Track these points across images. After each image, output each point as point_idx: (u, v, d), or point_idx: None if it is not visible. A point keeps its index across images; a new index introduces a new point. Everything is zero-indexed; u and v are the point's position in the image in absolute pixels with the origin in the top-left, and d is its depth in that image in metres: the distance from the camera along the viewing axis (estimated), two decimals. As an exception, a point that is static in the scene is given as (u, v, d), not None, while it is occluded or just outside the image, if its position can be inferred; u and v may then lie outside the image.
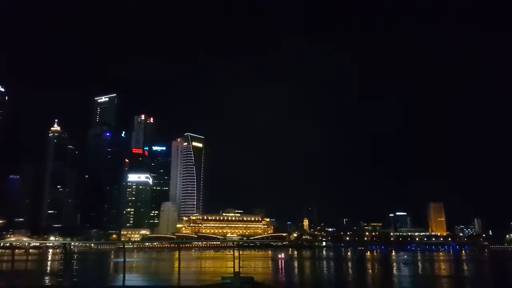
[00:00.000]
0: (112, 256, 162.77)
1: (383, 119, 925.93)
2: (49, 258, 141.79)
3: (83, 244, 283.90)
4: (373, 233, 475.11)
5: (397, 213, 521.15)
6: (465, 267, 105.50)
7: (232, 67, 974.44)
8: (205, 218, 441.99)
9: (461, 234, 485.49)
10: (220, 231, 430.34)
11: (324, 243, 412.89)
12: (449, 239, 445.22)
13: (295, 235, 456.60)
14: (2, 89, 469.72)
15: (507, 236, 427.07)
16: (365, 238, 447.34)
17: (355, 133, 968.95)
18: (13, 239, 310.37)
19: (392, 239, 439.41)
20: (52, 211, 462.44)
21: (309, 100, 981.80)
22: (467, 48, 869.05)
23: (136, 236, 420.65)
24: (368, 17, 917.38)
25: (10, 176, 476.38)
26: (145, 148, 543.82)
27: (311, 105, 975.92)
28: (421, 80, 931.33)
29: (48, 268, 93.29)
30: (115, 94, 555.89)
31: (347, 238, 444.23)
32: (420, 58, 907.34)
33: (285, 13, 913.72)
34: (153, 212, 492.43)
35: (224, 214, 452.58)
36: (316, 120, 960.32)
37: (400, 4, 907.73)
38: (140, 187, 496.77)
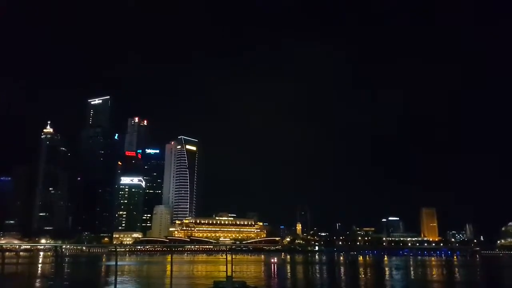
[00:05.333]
0: (103, 259, 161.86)
1: (382, 120, 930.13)
2: (40, 261, 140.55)
3: (75, 247, 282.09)
4: (366, 238, 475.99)
5: (390, 218, 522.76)
6: (456, 273, 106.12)
7: (230, 67, 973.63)
8: (198, 221, 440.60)
9: (453, 240, 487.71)
10: (213, 235, 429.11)
11: (317, 248, 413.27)
12: (441, 244, 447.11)
13: (288, 239, 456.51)
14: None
15: (498, 241, 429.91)
16: (358, 243, 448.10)
17: (353, 135, 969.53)
18: (3, 241, 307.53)
19: (384, 244, 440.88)
20: (44, 214, 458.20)
21: (308, 100, 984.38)
22: (467, 48, 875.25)
23: (128, 239, 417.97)
24: (368, 18, 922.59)
25: (1, 178, 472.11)
26: (138, 151, 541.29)
27: (310, 106, 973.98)
28: (421, 80, 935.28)
29: (39, 271, 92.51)
30: (108, 96, 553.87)
31: (340, 243, 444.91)
32: (420, 59, 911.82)
33: (285, 13, 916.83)
34: (145, 215, 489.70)
35: (217, 218, 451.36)
36: (314, 122, 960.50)
37: (400, 4, 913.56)
38: (133, 190, 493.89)
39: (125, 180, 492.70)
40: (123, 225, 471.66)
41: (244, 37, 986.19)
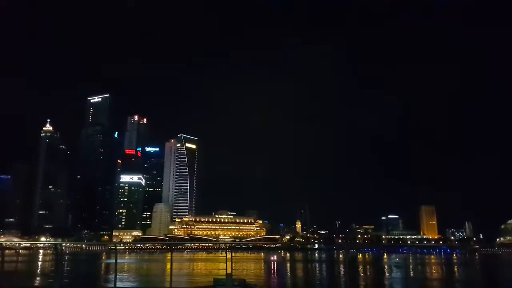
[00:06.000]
0: (103, 257, 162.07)
1: (382, 120, 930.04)
2: (40, 259, 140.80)
3: (75, 245, 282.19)
4: (365, 236, 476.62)
5: (389, 216, 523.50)
6: (455, 270, 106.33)
7: (230, 67, 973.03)
8: (197, 219, 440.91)
9: (452, 238, 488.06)
10: (213, 232, 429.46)
11: (316, 246, 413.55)
12: (441, 242, 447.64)
13: (287, 237, 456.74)
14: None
15: (498, 239, 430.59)
16: (357, 241, 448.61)
17: (353, 135, 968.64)
18: (3, 239, 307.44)
19: (384, 242, 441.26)
20: (44, 212, 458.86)
21: (308, 100, 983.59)
22: (467, 49, 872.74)
23: (128, 237, 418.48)
24: (368, 18, 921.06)
25: (1, 176, 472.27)
26: (138, 149, 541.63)
27: (310, 106, 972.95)
28: (421, 80, 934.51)
29: (39, 269, 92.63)
30: (108, 94, 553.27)
31: (340, 241, 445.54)
32: (420, 59, 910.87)
33: (285, 13, 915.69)
34: (145, 213, 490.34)
35: (216, 216, 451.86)
36: (314, 122, 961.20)
37: (400, 4, 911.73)
38: (133, 188, 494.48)
39: (125, 178, 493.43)
40: (123, 223, 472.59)
41: (244, 37, 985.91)
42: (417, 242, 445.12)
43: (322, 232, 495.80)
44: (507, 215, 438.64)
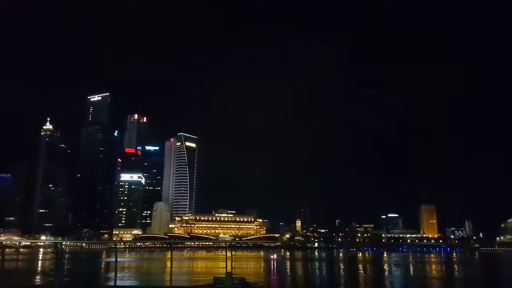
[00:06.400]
0: (103, 256, 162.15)
1: (382, 120, 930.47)
2: (40, 258, 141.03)
3: (75, 244, 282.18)
4: (365, 235, 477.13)
5: (389, 215, 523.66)
6: (455, 269, 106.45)
7: (230, 67, 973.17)
8: (197, 218, 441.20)
9: (452, 236, 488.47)
10: (213, 231, 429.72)
11: (316, 244, 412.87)
12: (441, 241, 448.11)
13: (287, 236, 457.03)
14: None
15: (498, 238, 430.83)
16: (357, 240, 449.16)
17: (354, 135, 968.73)
18: (3, 238, 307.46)
19: (384, 240, 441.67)
20: (44, 210, 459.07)
21: (308, 100, 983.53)
22: (467, 49, 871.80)
23: (128, 236, 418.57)
24: (368, 18, 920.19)
25: (1, 175, 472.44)
26: (138, 148, 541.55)
27: (310, 106, 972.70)
28: (421, 80, 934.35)
29: (39, 267, 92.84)
30: (108, 93, 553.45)
31: (339, 239, 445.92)
32: (420, 59, 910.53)
33: (285, 13, 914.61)
34: (145, 212, 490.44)
35: (216, 214, 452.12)
36: (314, 122, 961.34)
37: (400, 4, 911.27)
38: (133, 186, 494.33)
39: (125, 177, 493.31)
40: (123, 221, 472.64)
41: (244, 37, 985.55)
42: (417, 241, 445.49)
43: (322, 230, 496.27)
44: (507, 215, 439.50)
